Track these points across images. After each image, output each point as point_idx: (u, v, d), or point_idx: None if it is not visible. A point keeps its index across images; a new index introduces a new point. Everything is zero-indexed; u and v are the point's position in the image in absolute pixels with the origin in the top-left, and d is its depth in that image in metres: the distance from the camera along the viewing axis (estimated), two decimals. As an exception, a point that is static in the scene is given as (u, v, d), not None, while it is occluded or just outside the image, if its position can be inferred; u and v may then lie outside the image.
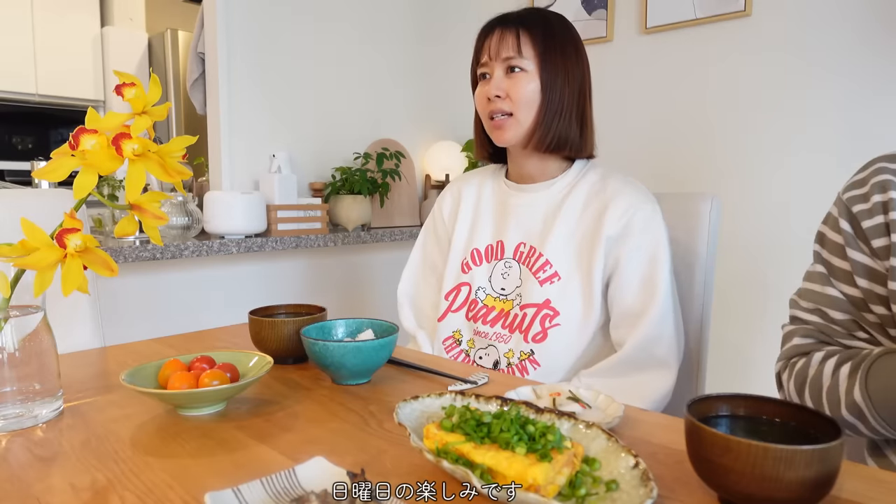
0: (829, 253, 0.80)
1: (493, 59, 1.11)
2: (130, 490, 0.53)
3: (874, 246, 0.74)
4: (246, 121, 2.17)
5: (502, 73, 1.10)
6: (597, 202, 1.10)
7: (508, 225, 1.17)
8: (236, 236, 1.94)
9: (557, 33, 1.11)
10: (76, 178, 0.65)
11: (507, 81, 1.09)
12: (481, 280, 1.17)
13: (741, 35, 1.94)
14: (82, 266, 0.65)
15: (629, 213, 1.06)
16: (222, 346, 1.03)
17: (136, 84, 0.69)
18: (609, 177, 1.13)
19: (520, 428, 0.54)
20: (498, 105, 1.10)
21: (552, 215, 1.13)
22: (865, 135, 1.73)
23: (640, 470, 0.50)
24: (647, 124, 2.17)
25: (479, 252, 1.19)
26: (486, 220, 1.21)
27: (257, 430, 0.66)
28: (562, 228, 1.11)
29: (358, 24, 2.46)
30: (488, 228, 1.20)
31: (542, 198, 1.15)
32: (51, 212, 0.79)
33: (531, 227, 1.14)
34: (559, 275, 1.08)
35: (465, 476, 0.49)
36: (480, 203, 1.24)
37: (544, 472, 0.49)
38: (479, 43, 1.15)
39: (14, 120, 3.75)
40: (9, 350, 0.67)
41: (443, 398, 0.63)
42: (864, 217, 0.75)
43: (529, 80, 1.09)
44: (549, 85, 1.09)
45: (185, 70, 2.97)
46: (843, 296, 0.78)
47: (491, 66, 1.11)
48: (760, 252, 1.93)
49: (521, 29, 1.10)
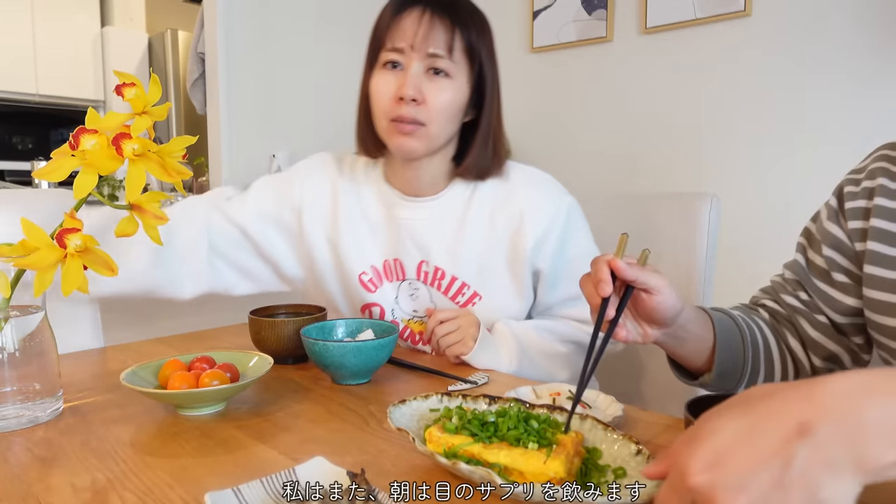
0: (816, 227, 0.83)
1: (413, 49, 0.91)
2: (130, 490, 0.53)
3: (849, 227, 0.76)
4: (246, 121, 2.17)
5: (421, 71, 0.91)
6: (506, 214, 1.00)
7: (402, 241, 1.02)
8: (236, 236, 1.94)
9: (489, 36, 0.96)
10: (76, 178, 0.65)
11: (427, 83, 0.91)
12: (390, 301, 1.04)
13: (741, 35, 1.94)
14: (82, 266, 0.65)
15: (548, 225, 0.98)
16: (222, 346, 1.03)
17: (136, 84, 0.69)
18: (508, 180, 1.02)
19: (525, 423, 0.54)
20: (409, 111, 0.91)
21: (455, 233, 1.00)
22: (865, 134, 1.73)
23: (644, 455, 0.51)
24: (647, 124, 2.17)
25: (378, 270, 1.04)
26: (378, 232, 1.03)
27: (257, 430, 0.66)
28: (471, 247, 0.99)
29: (358, 24, 2.46)
30: (381, 243, 1.03)
31: (434, 212, 1.01)
32: (51, 212, 0.79)
33: (429, 246, 1.01)
34: (479, 294, 1.00)
35: (486, 477, 0.48)
36: (366, 210, 1.04)
37: (564, 465, 0.49)
38: (391, 20, 0.93)
39: (14, 120, 3.75)
40: (9, 350, 0.67)
41: (429, 400, 0.63)
42: (849, 198, 0.77)
43: (455, 88, 0.92)
44: (479, 101, 0.96)
45: (185, 70, 2.97)
46: (805, 261, 0.82)
47: (408, 58, 0.91)
48: (760, 252, 1.93)
49: (456, 24, 0.91)
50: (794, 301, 0.82)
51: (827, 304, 0.78)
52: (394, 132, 0.93)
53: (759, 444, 0.37)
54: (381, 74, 0.95)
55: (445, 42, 0.91)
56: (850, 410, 0.36)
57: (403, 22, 0.92)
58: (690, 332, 0.75)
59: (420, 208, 1.02)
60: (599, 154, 2.28)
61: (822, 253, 0.79)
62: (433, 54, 0.91)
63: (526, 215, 0.99)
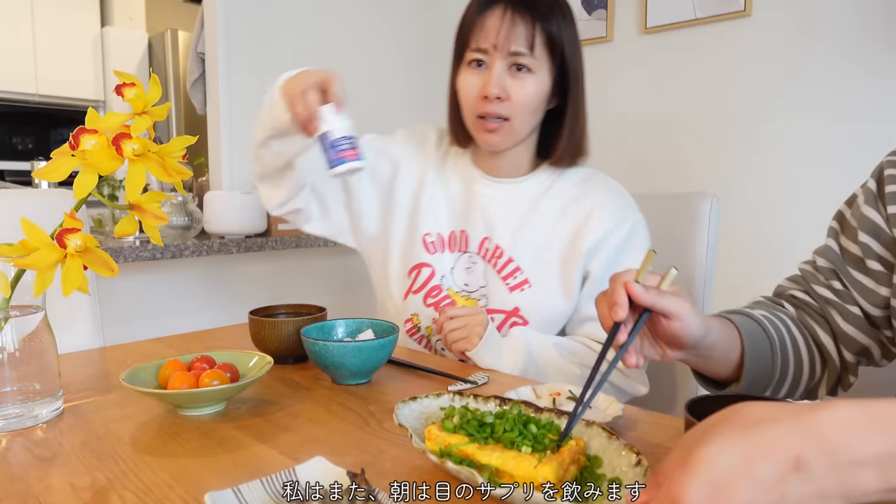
0: (852, 212, 0.79)
1: (496, 49, 0.95)
2: (130, 490, 0.53)
3: (889, 212, 0.73)
4: (246, 121, 2.17)
5: (504, 69, 0.96)
6: (575, 212, 1.02)
7: (473, 216, 1.06)
8: (236, 236, 1.94)
9: (572, 25, 0.97)
10: (76, 178, 0.65)
11: (510, 80, 0.96)
12: (445, 268, 1.06)
13: (741, 35, 1.93)
14: (82, 266, 0.65)
15: (609, 230, 1.00)
16: (222, 346, 1.03)
17: (136, 84, 0.69)
18: (589, 181, 1.06)
19: (522, 427, 0.54)
20: (493, 108, 0.96)
21: (523, 218, 1.04)
22: (866, 135, 1.73)
23: (642, 467, 0.50)
24: (647, 124, 2.17)
25: (443, 237, 1.07)
26: (453, 203, 1.08)
27: (257, 430, 0.66)
28: (535, 234, 1.02)
29: (358, 24, 2.46)
30: (454, 214, 1.08)
31: (511, 194, 1.06)
32: (51, 212, 0.79)
33: (497, 224, 1.04)
34: (529, 282, 1.01)
35: (470, 477, 0.49)
36: (449, 183, 1.09)
37: (555, 471, 0.49)
38: (475, 19, 0.97)
39: (14, 120, 3.75)
40: (9, 350, 0.67)
41: (441, 398, 0.63)
42: (890, 181, 0.73)
43: (536, 82, 0.96)
44: (563, 88, 0.99)
45: (185, 70, 2.97)
46: (839, 248, 0.78)
47: (491, 58, 0.96)
48: (760, 252, 1.93)
49: (537, 19, 0.94)
50: (827, 293, 0.78)
51: (862, 295, 0.75)
52: (480, 128, 1.00)
53: (756, 477, 0.36)
54: (466, 73, 1.00)
55: (526, 39, 0.94)
56: (846, 446, 0.37)
57: (486, 21, 0.96)
58: (716, 349, 0.71)
59: (498, 188, 1.07)
60: (599, 154, 2.27)
61: (858, 239, 0.75)
62: (515, 52, 0.95)
63: (592, 216, 1.01)
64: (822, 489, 0.36)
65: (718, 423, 0.40)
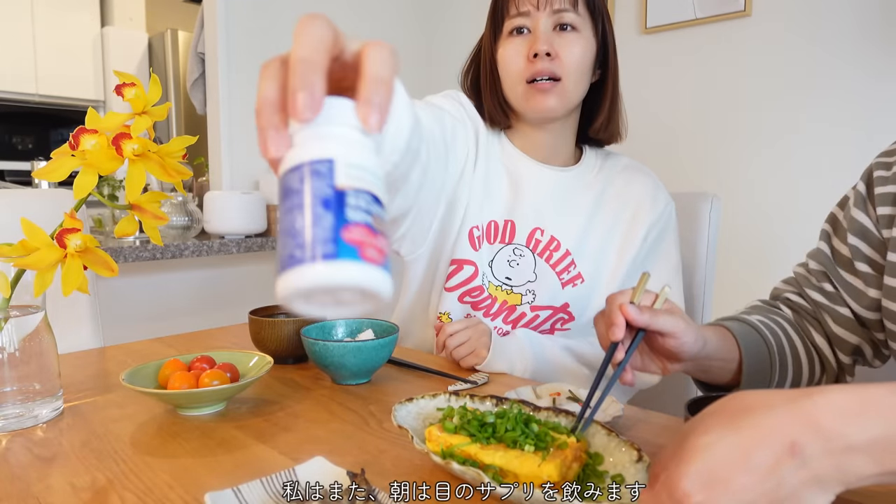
0: (843, 214, 0.80)
1: (538, 8, 0.91)
2: (130, 490, 0.53)
3: (879, 213, 0.73)
4: (246, 121, 2.17)
5: (549, 28, 0.92)
6: (624, 203, 1.00)
7: (522, 203, 0.98)
8: (236, 236, 1.94)
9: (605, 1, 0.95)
10: (76, 178, 0.65)
11: (557, 39, 0.91)
12: (484, 262, 0.98)
13: (741, 35, 1.94)
14: (82, 266, 0.65)
15: (657, 217, 0.98)
16: (222, 346, 1.03)
17: (136, 84, 0.69)
18: (629, 170, 1.04)
19: (524, 426, 0.54)
20: (545, 65, 0.90)
21: (578, 208, 0.99)
22: (866, 133, 1.73)
23: (644, 463, 0.50)
24: (647, 124, 2.17)
25: (486, 229, 0.99)
26: (497, 188, 0.99)
27: (257, 430, 0.66)
28: (598, 227, 0.98)
29: (358, 24, 2.46)
30: (499, 201, 0.99)
31: (563, 182, 1.00)
32: (51, 212, 0.79)
33: (550, 214, 0.98)
34: (583, 277, 0.97)
35: (476, 478, 0.48)
36: (489, 163, 1.00)
37: (558, 469, 0.49)
38: None
39: (14, 120, 3.75)
40: (9, 350, 0.67)
41: (437, 399, 0.63)
42: (879, 183, 0.74)
43: (584, 41, 0.92)
44: (605, 57, 0.95)
45: (185, 70, 2.97)
46: (830, 250, 0.79)
47: (534, 18, 0.91)
48: (760, 252, 1.93)
49: None
50: (818, 296, 0.79)
51: (851, 297, 0.75)
52: (531, 93, 0.93)
53: (753, 464, 0.37)
54: (508, 42, 0.94)
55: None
56: (840, 431, 0.37)
57: None
58: (714, 359, 0.72)
59: (550, 175, 1.00)
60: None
61: (847, 241, 0.76)
62: (559, 9, 0.91)
63: (643, 203, 0.99)
64: (818, 474, 0.37)
65: (714, 413, 0.41)
